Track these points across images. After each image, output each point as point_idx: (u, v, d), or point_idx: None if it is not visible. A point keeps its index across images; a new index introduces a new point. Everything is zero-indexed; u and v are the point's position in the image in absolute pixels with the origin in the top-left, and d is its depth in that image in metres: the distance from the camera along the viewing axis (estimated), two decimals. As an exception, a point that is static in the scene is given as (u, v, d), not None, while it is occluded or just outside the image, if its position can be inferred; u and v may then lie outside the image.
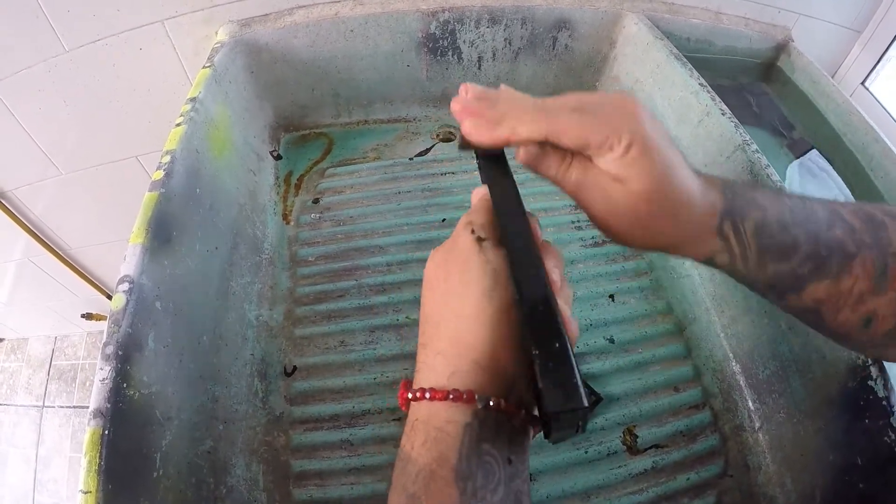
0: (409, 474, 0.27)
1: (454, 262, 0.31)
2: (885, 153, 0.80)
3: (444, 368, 0.28)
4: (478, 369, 0.28)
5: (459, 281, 0.30)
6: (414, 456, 0.27)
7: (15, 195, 1.05)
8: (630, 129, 0.29)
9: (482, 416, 0.27)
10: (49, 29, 0.77)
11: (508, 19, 0.82)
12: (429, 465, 0.26)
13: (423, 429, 0.27)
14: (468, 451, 0.26)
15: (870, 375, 0.47)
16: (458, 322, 0.29)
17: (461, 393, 0.27)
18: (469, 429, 0.27)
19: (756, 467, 0.58)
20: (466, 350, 0.28)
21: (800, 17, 0.92)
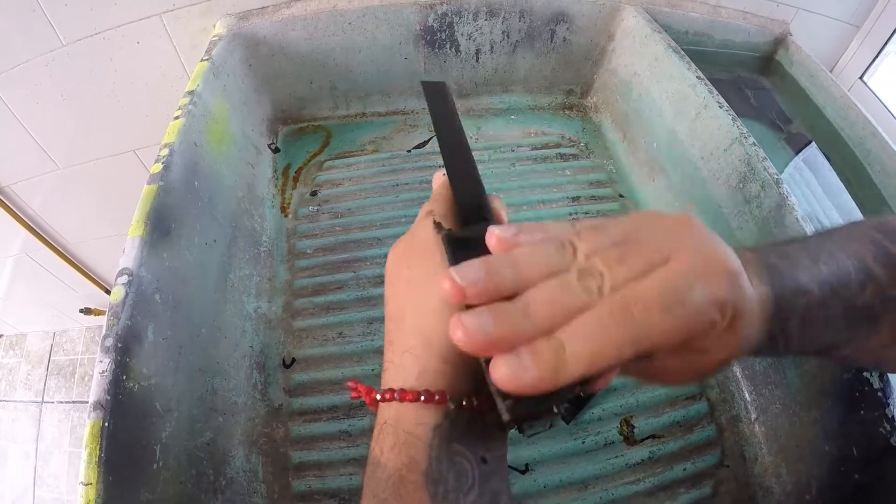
0: (379, 479, 0.25)
1: (416, 253, 0.29)
2: (883, 147, 0.80)
3: (413, 367, 0.26)
4: (446, 366, 0.26)
5: (422, 272, 0.28)
6: (383, 461, 0.25)
7: (12, 190, 1.05)
8: (734, 305, 0.23)
9: (453, 416, 0.26)
10: (46, 23, 0.77)
11: (506, 12, 0.82)
12: (398, 471, 0.25)
13: (392, 432, 0.26)
14: (438, 453, 0.25)
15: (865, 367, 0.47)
16: (423, 316, 0.27)
17: (433, 393, 0.25)
18: (439, 430, 0.25)
19: (752, 458, 0.58)
20: (433, 346, 0.26)
21: (798, 12, 0.92)
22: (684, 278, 0.22)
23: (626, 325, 0.21)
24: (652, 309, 0.21)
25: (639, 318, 0.21)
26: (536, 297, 0.23)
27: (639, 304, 0.21)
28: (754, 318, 0.25)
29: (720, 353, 0.24)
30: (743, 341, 0.25)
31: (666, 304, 0.22)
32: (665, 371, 0.26)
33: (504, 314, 0.22)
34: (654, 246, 0.24)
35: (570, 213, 0.77)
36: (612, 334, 0.21)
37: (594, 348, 0.21)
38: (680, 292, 0.22)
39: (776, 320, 0.27)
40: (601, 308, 0.22)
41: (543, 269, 0.23)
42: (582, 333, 0.21)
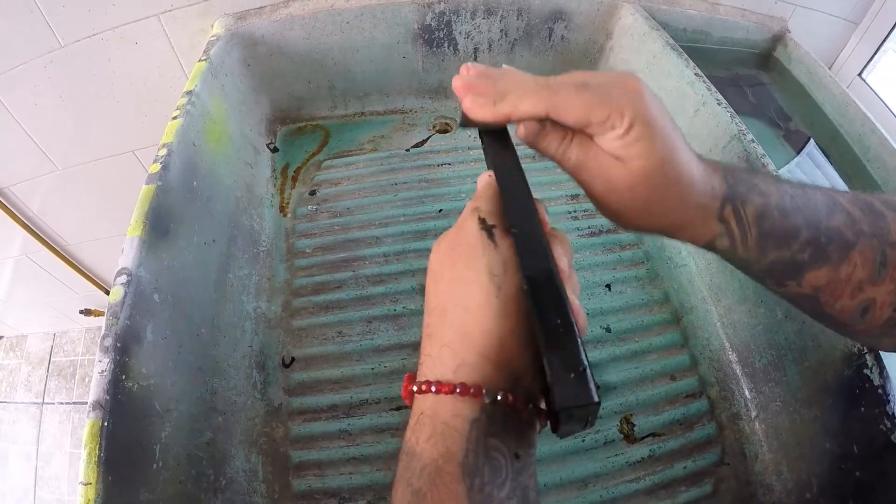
0: (414, 469, 0.26)
1: (460, 250, 0.30)
2: (882, 144, 0.80)
3: (451, 361, 0.27)
4: (485, 362, 0.27)
5: (466, 269, 0.29)
6: (419, 451, 0.26)
7: (12, 191, 1.05)
8: (632, 108, 0.29)
9: (489, 411, 0.26)
10: (44, 24, 0.77)
11: (504, 10, 0.82)
12: (434, 461, 0.25)
13: (430, 423, 0.26)
14: (475, 446, 0.26)
15: (865, 364, 0.47)
16: (465, 313, 0.28)
17: (468, 387, 0.26)
18: (476, 424, 0.26)
19: (752, 456, 0.58)
20: (473, 342, 0.27)
21: (797, 8, 0.92)
22: (598, 78, 0.30)
23: (545, 91, 0.30)
24: (566, 85, 0.30)
25: (554, 88, 0.30)
26: (506, 77, 0.32)
27: (559, 80, 0.31)
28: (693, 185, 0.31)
29: (632, 163, 0.30)
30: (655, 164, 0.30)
31: (576, 84, 0.30)
32: (584, 165, 0.31)
33: (485, 77, 0.33)
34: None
35: (569, 212, 0.77)
36: (535, 94, 0.30)
37: (519, 99, 0.31)
38: (587, 82, 0.30)
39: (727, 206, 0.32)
40: (536, 81, 0.31)
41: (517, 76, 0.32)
42: (517, 92, 0.31)
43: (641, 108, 0.29)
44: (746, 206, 0.32)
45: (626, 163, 0.30)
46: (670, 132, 0.30)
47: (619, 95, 0.29)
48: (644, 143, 0.29)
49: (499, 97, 0.31)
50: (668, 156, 0.30)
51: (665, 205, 0.31)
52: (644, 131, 0.29)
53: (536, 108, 0.30)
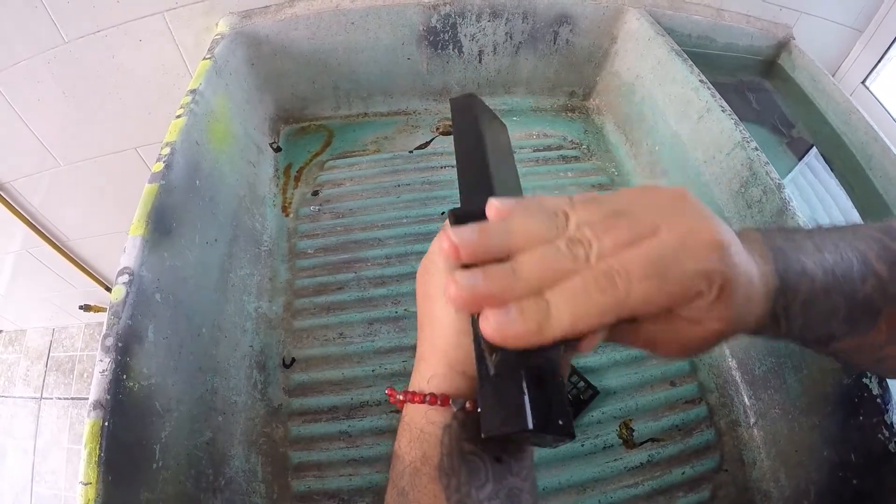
0: (399, 471, 0.28)
1: (430, 268, 0.31)
2: (885, 153, 0.80)
3: (425, 372, 0.29)
4: (453, 373, 0.28)
5: (432, 286, 0.30)
6: (401, 453, 0.28)
7: (13, 186, 1.05)
8: (721, 274, 0.24)
9: (461, 418, 0.28)
10: (48, 20, 0.76)
11: (510, 13, 0.82)
12: (414, 463, 0.27)
13: (408, 429, 0.29)
14: (449, 450, 0.27)
15: (865, 373, 0.47)
16: (434, 327, 0.29)
17: (436, 397, 0.28)
18: (448, 430, 0.27)
19: (751, 462, 0.58)
20: (442, 355, 0.29)
21: (801, 16, 0.92)
22: (670, 248, 0.23)
23: (609, 291, 0.22)
24: (634, 277, 0.22)
25: (621, 285, 0.22)
26: (526, 259, 0.24)
27: (622, 272, 0.22)
28: (752, 291, 0.26)
29: (712, 325, 0.25)
30: (738, 314, 0.25)
31: (648, 272, 0.22)
32: (656, 340, 0.26)
33: (493, 272, 0.23)
34: (645, 217, 0.24)
35: (571, 216, 0.77)
36: (595, 298, 0.22)
37: (577, 310, 0.22)
38: (663, 261, 0.23)
39: (780, 300, 0.28)
40: (586, 273, 0.23)
41: (534, 234, 0.24)
42: (566, 295, 0.22)
43: (729, 273, 0.24)
44: (797, 298, 0.29)
45: (704, 325, 0.25)
46: (748, 271, 0.26)
47: (703, 262, 0.23)
48: (728, 303, 0.24)
49: (540, 309, 0.22)
50: (747, 303, 0.26)
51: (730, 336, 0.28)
52: (729, 294, 0.24)
53: (606, 319, 0.23)
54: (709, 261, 0.23)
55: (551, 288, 0.23)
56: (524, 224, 0.25)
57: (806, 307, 0.30)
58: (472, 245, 0.24)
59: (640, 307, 0.23)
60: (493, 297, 0.23)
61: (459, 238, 0.24)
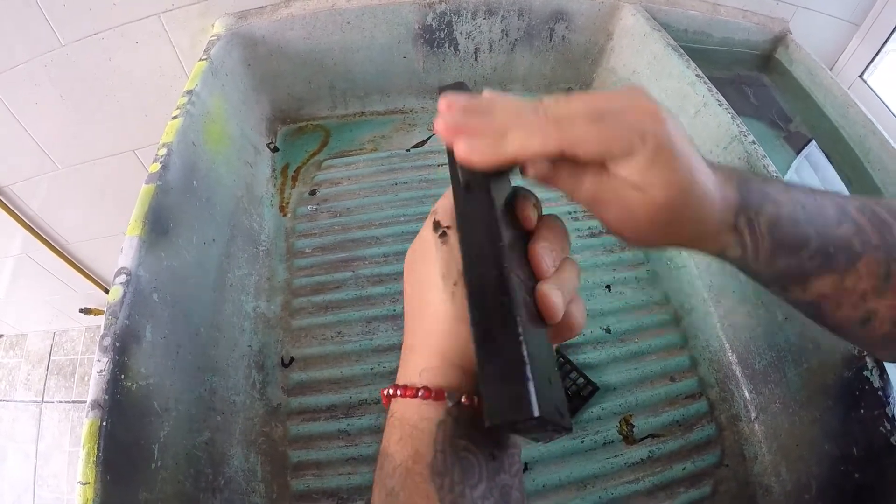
0: (388, 470, 0.27)
1: (419, 254, 0.30)
2: (883, 145, 0.80)
3: (417, 365, 0.28)
4: (447, 365, 0.27)
5: (423, 273, 0.29)
6: (391, 452, 0.27)
7: (12, 190, 1.05)
8: (654, 136, 0.26)
9: (455, 413, 0.27)
10: (45, 23, 0.77)
11: (505, 10, 0.82)
12: (405, 462, 0.26)
13: (399, 426, 0.27)
14: (443, 447, 0.26)
15: (865, 366, 0.47)
16: (426, 316, 0.28)
17: (430, 391, 0.27)
18: (443, 426, 0.26)
19: (752, 457, 0.58)
20: (435, 345, 0.28)
21: (798, 10, 0.92)
22: (612, 105, 0.27)
23: (555, 126, 0.27)
24: (575, 118, 0.27)
25: (565, 123, 0.26)
26: (498, 111, 0.28)
27: (567, 110, 0.27)
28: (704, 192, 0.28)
29: (653, 192, 0.27)
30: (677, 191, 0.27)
31: (588, 116, 0.26)
32: (599, 198, 0.28)
33: (473, 114, 0.28)
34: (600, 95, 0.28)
35: (569, 212, 0.77)
36: (541, 129, 0.27)
37: (526, 138, 0.27)
38: (603, 112, 0.27)
39: (741, 215, 0.31)
40: (539, 116, 0.27)
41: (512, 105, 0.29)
42: (519, 130, 0.27)
43: (663, 134, 0.27)
44: (759, 217, 0.31)
45: (645, 192, 0.27)
46: (690, 155, 0.28)
47: (638, 122, 0.27)
48: (666, 172, 0.27)
49: (499, 136, 0.27)
50: (690, 181, 0.28)
51: (682, 226, 0.30)
52: (665, 159, 0.27)
53: (548, 147, 0.27)
54: (644, 121, 0.27)
55: (510, 127, 0.27)
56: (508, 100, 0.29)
57: (771, 228, 0.31)
58: (463, 101, 0.29)
59: (577, 144, 0.26)
60: (469, 128, 0.28)
61: (455, 98, 0.29)
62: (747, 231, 0.31)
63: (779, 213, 0.32)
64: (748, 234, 0.31)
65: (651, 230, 0.29)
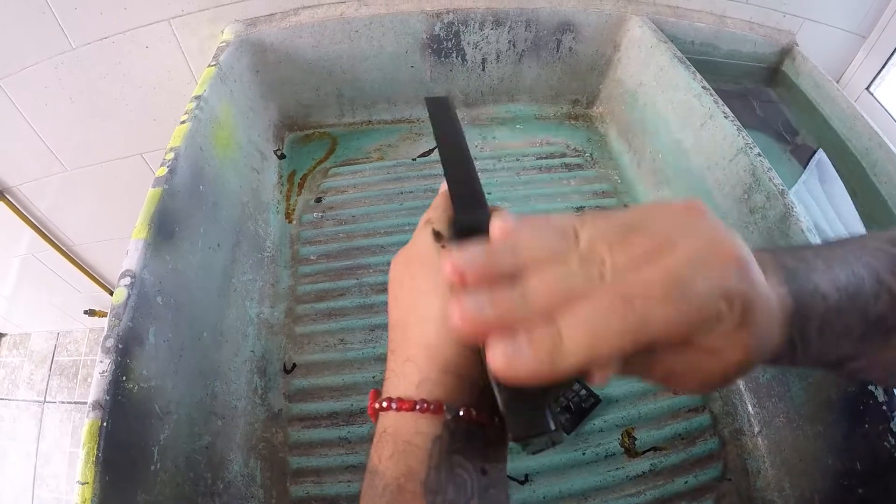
0: (377, 488, 0.25)
1: (417, 262, 0.29)
2: (889, 158, 0.80)
3: (414, 376, 0.26)
4: (447, 376, 0.26)
5: (424, 281, 0.28)
6: (381, 469, 0.25)
7: (20, 191, 1.06)
8: (741, 294, 0.21)
9: (452, 427, 0.25)
10: (56, 26, 0.77)
11: (513, 21, 0.82)
12: (396, 479, 0.24)
13: (391, 441, 0.26)
14: (437, 463, 0.25)
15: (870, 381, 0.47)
16: (425, 326, 0.27)
17: (429, 404, 0.25)
18: (439, 441, 0.25)
19: (755, 471, 0.58)
20: (435, 355, 0.26)
21: (805, 22, 0.92)
22: (689, 265, 0.21)
23: (627, 313, 0.20)
24: (653, 297, 0.20)
25: (639, 306, 0.20)
26: (535, 281, 0.22)
27: (640, 292, 0.20)
28: (771, 316, 0.24)
29: (732, 354, 0.22)
30: (758, 342, 0.23)
31: (668, 292, 0.20)
32: (673, 372, 0.24)
33: (501, 296, 0.21)
34: (659, 232, 0.22)
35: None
36: (612, 322, 0.20)
37: (592, 337, 0.20)
38: (683, 280, 0.21)
39: (796, 324, 0.26)
40: (601, 295, 0.21)
41: (543, 253, 0.22)
42: (580, 321, 0.20)
43: (751, 293, 0.22)
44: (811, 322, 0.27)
45: (724, 355, 0.22)
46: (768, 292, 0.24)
47: (723, 279, 0.21)
48: (749, 329, 0.22)
49: (553, 342, 0.20)
50: (771, 330, 0.24)
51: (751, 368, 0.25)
52: (753, 320, 0.22)
53: (623, 349, 0.20)
54: (729, 279, 0.21)
55: (562, 313, 0.21)
56: (532, 242, 0.23)
57: (821, 330, 0.27)
58: (479, 268, 0.22)
59: (660, 333, 0.20)
60: (501, 324, 0.21)
61: (464, 261, 0.22)
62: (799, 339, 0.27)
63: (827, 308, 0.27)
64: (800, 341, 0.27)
65: (723, 385, 0.26)
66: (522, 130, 0.92)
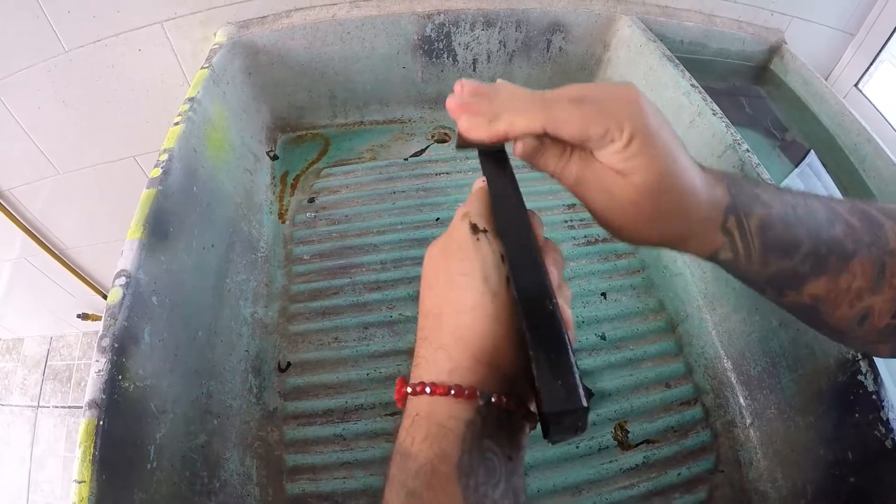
0: (409, 470, 0.26)
1: (453, 254, 0.30)
2: (877, 153, 0.81)
3: (446, 363, 0.28)
4: (479, 365, 0.27)
5: (460, 274, 0.29)
6: (414, 451, 0.26)
7: (12, 194, 1.06)
8: (631, 121, 0.28)
9: (484, 413, 0.27)
10: (49, 29, 0.78)
11: (503, 22, 0.83)
12: (430, 461, 0.25)
13: (425, 424, 0.27)
14: (470, 447, 0.26)
15: (860, 370, 0.47)
16: (459, 316, 0.28)
17: (463, 389, 0.26)
18: (472, 425, 0.26)
19: (747, 463, 0.58)
20: (468, 345, 0.28)
21: (793, 20, 0.93)
22: (596, 90, 0.30)
23: (541, 106, 0.30)
24: (562, 100, 0.29)
25: (550, 105, 0.30)
26: (501, 94, 0.32)
27: (555, 95, 0.30)
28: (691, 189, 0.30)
29: (633, 177, 0.29)
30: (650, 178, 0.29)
31: (572, 99, 0.29)
32: (584, 179, 0.31)
33: (479, 95, 0.32)
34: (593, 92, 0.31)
35: (565, 221, 0.78)
36: (531, 110, 0.30)
37: (514, 116, 0.30)
38: (586, 96, 0.29)
39: (730, 216, 0.32)
40: (531, 97, 0.31)
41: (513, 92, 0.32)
42: (513, 110, 0.30)
43: (640, 121, 0.28)
44: (750, 218, 0.32)
45: (627, 176, 0.29)
46: (671, 143, 0.30)
47: (617, 108, 0.29)
48: (645, 157, 0.29)
49: (494, 116, 0.31)
50: (670, 168, 0.29)
51: (668, 217, 0.31)
52: (644, 144, 0.28)
53: (532, 125, 0.30)
54: (624, 109, 0.29)
55: (506, 108, 0.31)
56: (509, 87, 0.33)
57: (761, 230, 0.32)
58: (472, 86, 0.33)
59: (558, 124, 0.29)
60: (472, 108, 0.32)
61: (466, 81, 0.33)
62: (738, 232, 0.32)
63: (769, 213, 0.32)
64: (738, 235, 0.32)
65: (637, 219, 0.31)
66: (514, 130, 0.93)
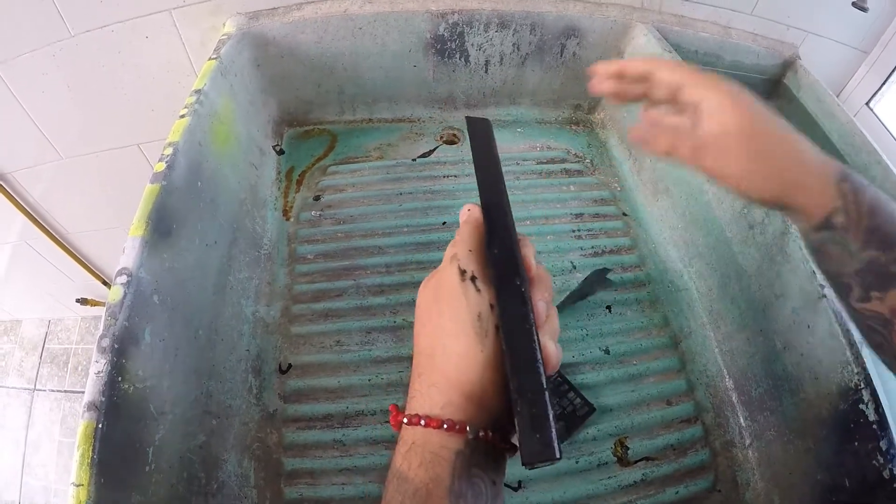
0: (406, 492, 0.29)
1: (444, 299, 0.32)
2: (886, 175, 0.80)
3: (439, 399, 0.30)
4: (468, 403, 0.30)
5: (450, 320, 0.31)
6: (411, 476, 0.29)
7: (14, 177, 1.05)
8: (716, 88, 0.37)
9: (472, 445, 0.29)
10: (55, 13, 0.76)
11: (518, 24, 0.82)
12: (426, 485, 0.28)
13: (420, 452, 0.29)
14: (460, 473, 0.29)
15: (861, 399, 0.47)
16: (450, 359, 0.30)
17: (454, 423, 0.29)
18: (461, 455, 0.29)
19: (745, 483, 0.58)
20: (458, 385, 0.30)
21: (808, 36, 0.93)
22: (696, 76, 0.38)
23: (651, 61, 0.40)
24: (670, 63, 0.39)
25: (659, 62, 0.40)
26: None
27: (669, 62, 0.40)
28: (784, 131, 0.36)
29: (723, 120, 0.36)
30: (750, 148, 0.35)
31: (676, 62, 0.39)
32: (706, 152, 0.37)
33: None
34: None
35: (572, 230, 0.77)
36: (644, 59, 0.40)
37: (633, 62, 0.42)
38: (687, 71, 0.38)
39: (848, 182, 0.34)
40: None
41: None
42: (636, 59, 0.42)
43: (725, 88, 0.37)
44: (862, 193, 0.34)
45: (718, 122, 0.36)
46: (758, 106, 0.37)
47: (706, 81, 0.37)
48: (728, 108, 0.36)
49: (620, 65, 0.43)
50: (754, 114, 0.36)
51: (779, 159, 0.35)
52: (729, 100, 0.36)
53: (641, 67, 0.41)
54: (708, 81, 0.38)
55: None
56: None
57: (872, 210, 0.34)
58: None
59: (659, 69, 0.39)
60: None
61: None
62: (852, 199, 0.34)
63: (879, 199, 0.34)
64: (853, 202, 0.34)
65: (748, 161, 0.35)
66: (523, 134, 0.92)
